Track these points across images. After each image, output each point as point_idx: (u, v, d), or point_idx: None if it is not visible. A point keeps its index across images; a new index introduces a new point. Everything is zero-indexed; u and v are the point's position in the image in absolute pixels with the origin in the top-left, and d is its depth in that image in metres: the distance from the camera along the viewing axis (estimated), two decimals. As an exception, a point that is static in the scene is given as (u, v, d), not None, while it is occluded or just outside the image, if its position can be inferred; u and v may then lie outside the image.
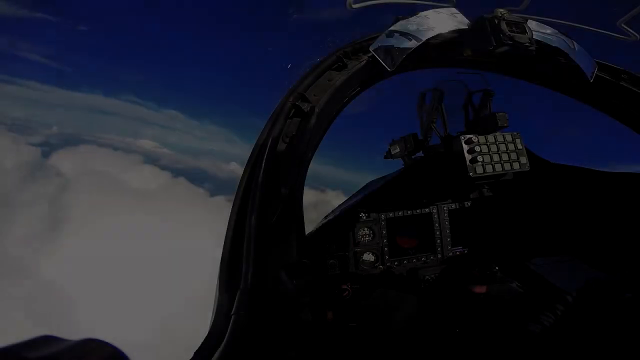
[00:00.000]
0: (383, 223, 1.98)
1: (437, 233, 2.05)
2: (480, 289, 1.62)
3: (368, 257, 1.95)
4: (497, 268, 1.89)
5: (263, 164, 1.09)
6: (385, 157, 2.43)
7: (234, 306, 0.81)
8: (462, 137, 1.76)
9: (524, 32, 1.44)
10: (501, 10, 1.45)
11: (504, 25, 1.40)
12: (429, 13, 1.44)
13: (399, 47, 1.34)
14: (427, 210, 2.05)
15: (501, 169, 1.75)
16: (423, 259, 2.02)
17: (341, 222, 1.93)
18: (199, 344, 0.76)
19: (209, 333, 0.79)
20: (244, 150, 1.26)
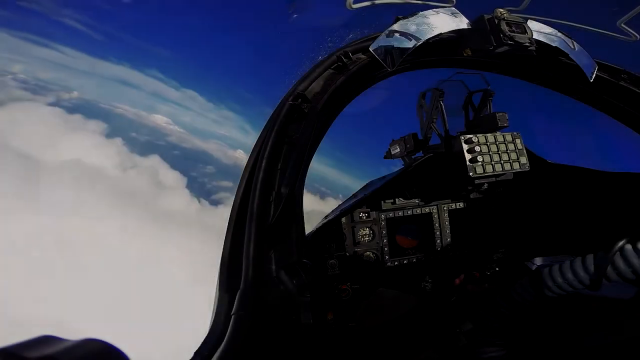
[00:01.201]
0: (383, 223, 1.98)
1: (437, 233, 2.05)
2: (481, 290, 1.63)
3: (368, 257, 1.95)
4: (497, 269, 1.89)
5: (263, 164, 1.09)
6: (385, 157, 2.43)
7: (234, 306, 0.81)
8: (462, 137, 1.76)
9: (524, 32, 1.44)
10: (501, 10, 1.45)
11: (504, 25, 1.40)
12: (429, 13, 1.44)
13: (399, 47, 1.34)
14: (427, 210, 2.05)
15: (501, 169, 1.75)
16: (423, 259, 2.02)
17: (341, 222, 1.93)
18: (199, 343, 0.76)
19: (209, 333, 0.79)
20: (254, 139, 1.26)
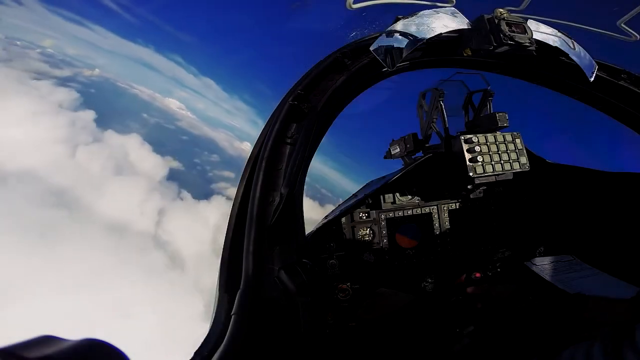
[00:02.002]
0: (383, 223, 1.98)
1: (437, 233, 2.05)
2: (481, 291, 1.62)
3: (368, 257, 1.95)
4: (499, 270, 1.89)
5: (263, 164, 1.09)
6: (385, 157, 2.43)
7: (234, 306, 0.82)
8: (462, 137, 1.76)
9: (524, 32, 1.44)
10: (501, 10, 1.45)
11: (503, 25, 1.40)
12: (429, 13, 1.44)
13: (399, 47, 1.34)
14: (427, 210, 2.05)
15: (501, 169, 1.75)
16: (423, 259, 2.02)
17: (341, 222, 1.93)
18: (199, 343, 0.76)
19: (209, 333, 0.79)
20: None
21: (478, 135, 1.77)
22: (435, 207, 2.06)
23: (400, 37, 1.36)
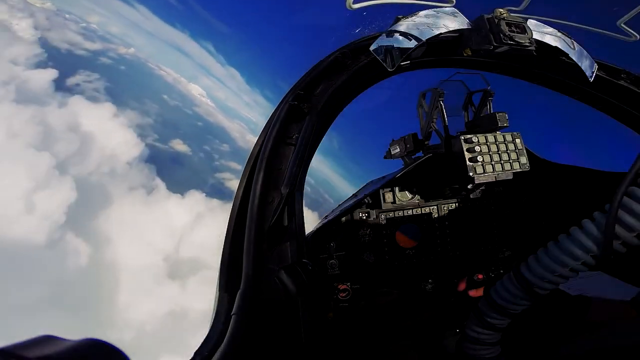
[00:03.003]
0: (383, 223, 1.98)
1: (437, 233, 2.05)
2: (482, 292, 1.62)
3: (368, 257, 1.95)
4: (502, 271, 1.88)
5: (263, 164, 1.09)
6: (385, 157, 2.43)
7: (234, 306, 0.82)
8: (462, 137, 1.76)
9: (523, 32, 1.44)
10: (501, 10, 1.45)
11: (503, 25, 1.40)
12: (429, 13, 1.44)
13: (399, 47, 1.34)
14: (427, 210, 2.05)
15: (501, 169, 1.75)
16: (423, 259, 2.02)
17: (341, 221, 1.93)
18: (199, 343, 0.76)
19: (209, 333, 0.79)
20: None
21: (478, 135, 1.76)
22: (435, 207, 2.06)
23: (400, 37, 1.36)
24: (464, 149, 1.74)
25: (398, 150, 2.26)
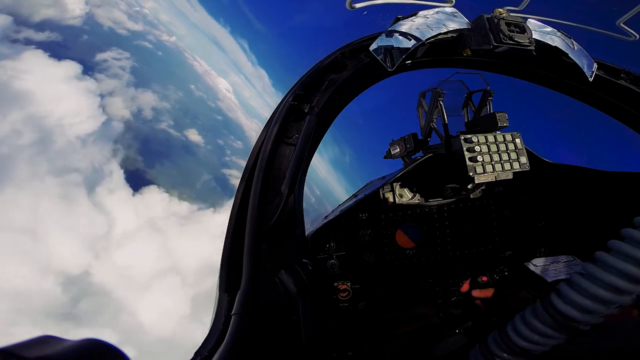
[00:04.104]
0: (383, 223, 1.98)
1: (437, 233, 2.05)
2: (486, 293, 1.61)
3: (368, 257, 1.95)
4: (506, 273, 1.87)
5: (263, 165, 1.09)
6: (385, 157, 2.43)
7: (234, 306, 0.81)
8: (462, 137, 1.76)
9: (523, 31, 1.44)
10: (500, 10, 1.45)
11: (503, 25, 1.40)
12: (429, 13, 1.44)
13: (398, 47, 1.35)
14: (427, 210, 2.05)
15: (501, 169, 1.75)
16: (423, 259, 2.02)
17: (341, 222, 1.93)
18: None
19: (210, 333, 0.79)
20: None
21: (478, 135, 1.76)
22: (436, 207, 2.06)
23: (400, 37, 1.36)
24: (464, 148, 1.74)
25: (398, 150, 2.26)
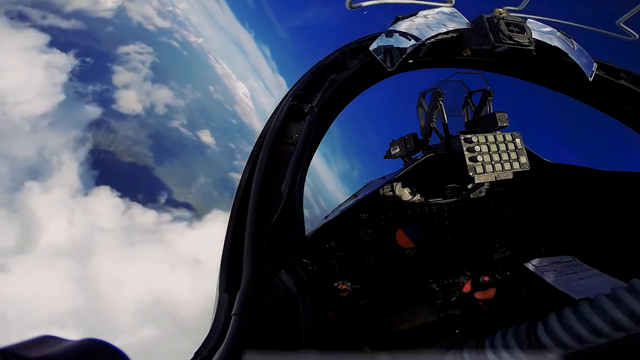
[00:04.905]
0: (383, 223, 1.98)
1: (438, 233, 2.05)
2: (488, 294, 1.61)
3: (368, 257, 1.95)
4: (508, 273, 1.88)
5: (263, 165, 1.09)
6: (385, 157, 2.43)
7: (235, 306, 0.81)
8: (462, 137, 1.76)
9: (523, 31, 1.44)
10: (500, 9, 1.45)
11: (503, 25, 1.40)
12: (429, 13, 1.44)
13: (398, 47, 1.35)
14: (427, 210, 2.05)
15: (501, 169, 1.75)
16: (423, 259, 2.02)
17: (341, 222, 1.93)
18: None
19: (210, 333, 0.79)
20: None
21: (478, 135, 1.76)
22: (436, 207, 2.06)
23: (400, 37, 1.37)
24: (464, 148, 1.74)
25: (398, 150, 2.26)
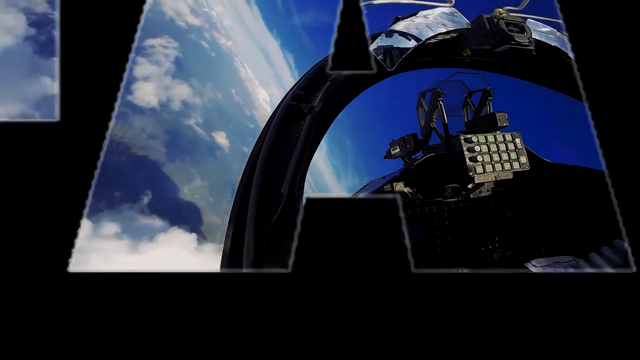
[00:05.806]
0: None
1: (438, 233, 2.05)
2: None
3: None
4: None
5: (263, 165, 1.09)
6: (385, 157, 2.43)
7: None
8: (462, 137, 1.76)
9: (523, 31, 1.44)
10: (500, 9, 1.45)
11: (503, 25, 1.40)
12: (429, 13, 1.44)
13: (398, 47, 1.35)
14: (427, 210, 2.05)
15: (501, 169, 1.75)
16: (423, 259, 2.02)
17: None
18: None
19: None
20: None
21: (478, 135, 1.76)
22: (436, 207, 2.06)
23: (400, 37, 1.37)
24: (464, 148, 1.74)
25: (398, 150, 2.26)
